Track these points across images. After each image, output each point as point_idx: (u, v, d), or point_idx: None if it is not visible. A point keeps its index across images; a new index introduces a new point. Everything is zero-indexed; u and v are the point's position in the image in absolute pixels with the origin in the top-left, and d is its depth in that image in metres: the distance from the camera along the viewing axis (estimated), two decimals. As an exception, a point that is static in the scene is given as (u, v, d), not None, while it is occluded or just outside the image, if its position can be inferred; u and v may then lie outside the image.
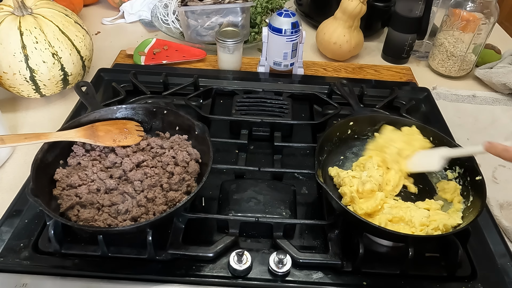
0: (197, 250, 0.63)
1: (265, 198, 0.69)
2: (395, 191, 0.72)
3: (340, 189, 0.71)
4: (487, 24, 1.01)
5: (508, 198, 0.78)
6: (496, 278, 0.64)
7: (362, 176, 0.69)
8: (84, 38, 0.92)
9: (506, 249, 0.68)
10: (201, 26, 1.11)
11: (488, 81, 1.07)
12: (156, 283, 0.60)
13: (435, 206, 0.69)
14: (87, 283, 0.60)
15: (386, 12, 1.18)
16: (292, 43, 0.97)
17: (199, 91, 0.93)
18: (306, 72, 1.06)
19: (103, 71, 1.00)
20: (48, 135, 0.68)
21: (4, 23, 0.82)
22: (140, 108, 0.78)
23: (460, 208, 0.69)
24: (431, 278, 0.64)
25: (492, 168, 0.84)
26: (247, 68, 1.09)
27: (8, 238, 0.64)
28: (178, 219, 0.65)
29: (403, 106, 0.93)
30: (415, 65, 1.17)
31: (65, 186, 0.66)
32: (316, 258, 0.63)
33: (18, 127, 0.89)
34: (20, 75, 0.85)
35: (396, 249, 0.66)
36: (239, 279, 0.61)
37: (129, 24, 1.29)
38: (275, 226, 0.65)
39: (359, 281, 0.62)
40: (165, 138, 0.77)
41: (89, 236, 0.65)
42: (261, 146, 0.85)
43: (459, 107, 1.02)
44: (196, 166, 0.71)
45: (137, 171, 0.69)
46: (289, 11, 0.95)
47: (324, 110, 0.94)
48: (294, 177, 0.78)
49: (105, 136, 0.73)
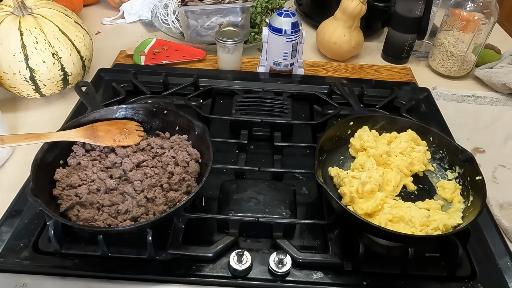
0: (197, 250, 0.63)
1: (265, 198, 0.69)
2: (395, 191, 0.72)
3: (340, 189, 0.71)
4: (487, 24, 1.01)
5: (508, 198, 0.78)
6: (496, 278, 0.64)
7: (362, 177, 0.70)
8: (84, 38, 0.92)
9: (506, 249, 0.68)
10: (201, 26, 1.11)
11: (488, 81, 1.07)
12: (156, 283, 0.60)
13: (435, 206, 0.69)
14: (87, 283, 0.60)
15: (386, 12, 1.18)
16: (292, 43, 0.97)
17: (199, 91, 0.93)
18: (306, 72, 1.06)
19: (103, 71, 1.00)
20: (48, 135, 0.68)
21: (4, 23, 0.83)
22: (140, 108, 0.78)
23: (460, 208, 0.69)
24: (431, 278, 0.64)
25: (492, 168, 0.84)
26: (247, 68, 1.09)
27: (8, 238, 0.64)
28: (178, 219, 0.65)
29: (403, 106, 0.93)
30: (415, 65, 1.17)
31: (65, 186, 0.66)
32: (316, 258, 0.63)
33: (18, 127, 0.89)
34: (20, 75, 0.85)
35: (396, 249, 0.66)
36: (239, 279, 0.61)
37: (129, 24, 1.29)
38: (275, 226, 0.65)
39: (359, 281, 0.62)
40: (165, 138, 0.77)
41: (89, 236, 0.65)
42: (261, 146, 0.85)
43: (459, 107, 1.01)
44: (196, 166, 0.71)
45: (137, 171, 0.69)
46: (289, 11, 0.95)
47: (324, 110, 0.94)
48: (294, 177, 0.78)
49: (105, 136, 0.73)
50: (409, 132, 0.78)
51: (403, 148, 0.75)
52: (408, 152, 0.75)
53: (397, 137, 0.78)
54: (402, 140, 0.77)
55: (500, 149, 0.89)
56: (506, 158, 0.87)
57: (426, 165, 0.76)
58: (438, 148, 0.77)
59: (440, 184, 0.74)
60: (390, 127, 0.80)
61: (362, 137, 0.77)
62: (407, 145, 0.75)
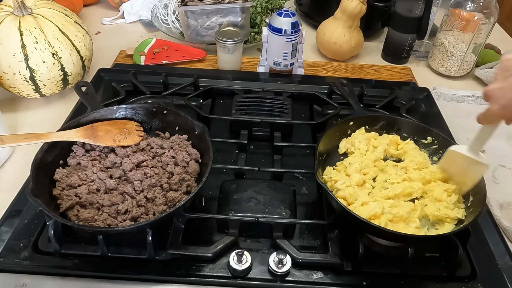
0: (197, 250, 0.63)
1: (265, 198, 0.69)
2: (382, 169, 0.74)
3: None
4: (487, 24, 1.01)
5: (508, 198, 0.78)
6: (496, 278, 0.64)
7: (338, 186, 0.68)
8: (84, 38, 0.92)
9: (506, 249, 0.68)
10: (201, 26, 1.11)
11: (488, 81, 1.07)
12: (156, 283, 0.60)
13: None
14: (87, 283, 0.60)
15: (386, 12, 1.18)
16: (292, 43, 0.97)
17: (199, 91, 0.93)
18: (306, 72, 1.06)
19: (103, 71, 1.00)
20: (48, 135, 0.68)
21: (4, 23, 0.82)
22: (140, 108, 0.78)
23: (460, 207, 0.69)
24: (431, 278, 0.64)
25: (492, 168, 0.84)
26: (247, 68, 1.09)
27: (8, 238, 0.64)
28: (178, 219, 0.65)
29: (403, 106, 0.93)
30: (415, 65, 1.17)
31: (65, 186, 0.66)
32: (316, 258, 0.63)
33: (18, 127, 0.89)
34: (20, 75, 0.85)
35: (396, 249, 0.66)
36: (239, 279, 0.61)
37: (129, 24, 1.29)
38: (275, 226, 0.65)
39: (359, 281, 0.62)
40: (165, 138, 0.77)
41: (89, 236, 0.65)
42: (261, 146, 0.85)
43: (459, 107, 1.01)
44: (196, 166, 0.71)
45: (137, 171, 0.69)
46: (289, 11, 0.95)
47: (324, 110, 0.94)
48: (294, 177, 0.78)
49: (105, 136, 0.73)
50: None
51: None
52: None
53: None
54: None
55: (500, 149, 0.89)
56: (506, 158, 0.87)
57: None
58: (438, 148, 0.77)
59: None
60: (390, 127, 0.80)
61: (353, 143, 0.77)
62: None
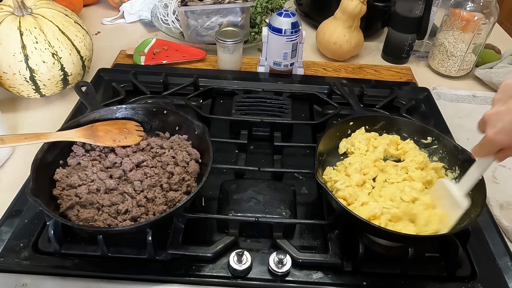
0: (197, 250, 0.63)
1: (265, 198, 0.69)
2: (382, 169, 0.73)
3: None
4: (487, 24, 1.01)
5: (508, 198, 0.78)
6: (496, 278, 0.64)
7: (338, 186, 0.68)
8: (84, 38, 0.92)
9: (506, 249, 0.68)
10: (201, 26, 1.11)
11: (488, 81, 1.07)
12: (156, 283, 0.60)
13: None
14: (87, 283, 0.60)
15: (386, 12, 1.18)
16: (292, 43, 0.97)
17: (199, 91, 0.93)
18: (306, 72, 1.06)
19: (103, 71, 1.00)
20: (48, 135, 0.68)
21: (4, 23, 0.82)
22: (140, 108, 0.78)
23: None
24: (431, 278, 0.64)
25: (492, 168, 0.84)
26: (247, 68, 1.09)
27: (8, 238, 0.64)
28: (178, 219, 0.65)
29: (403, 106, 0.93)
30: (415, 65, 1.17)
31: (65, 186, 0.66)
32: (316, 258, 0.63)
33: (18, 127, 0.89)
34: (20, 75, 0.85)
35: (396, 249, 0.66)
36: (239, 279, 0.61)
37: (129, 24, 1.29)
38: (275, 226, 0.65)
39: (359, 281, 0.62)
40: (165, 138, 0.77)
41: (89, 236, 0.65)
42: (261, 146, 0.85)
43: (459, 107, 1.01)
44: (196, 166, 0.71)
45: (137, 171, 0.69)
46: (289, 11, 0.95)
47: (324, 110, 0.94)
48: (294, 177, 0.78)
49: (105, 136, 0.73)
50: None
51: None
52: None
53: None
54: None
55: (500, 149, 0.89)
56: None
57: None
58: (438, 148, 0.77)
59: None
60: (390, 127, 0.80)
61: (353, 143, 0.77)
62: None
